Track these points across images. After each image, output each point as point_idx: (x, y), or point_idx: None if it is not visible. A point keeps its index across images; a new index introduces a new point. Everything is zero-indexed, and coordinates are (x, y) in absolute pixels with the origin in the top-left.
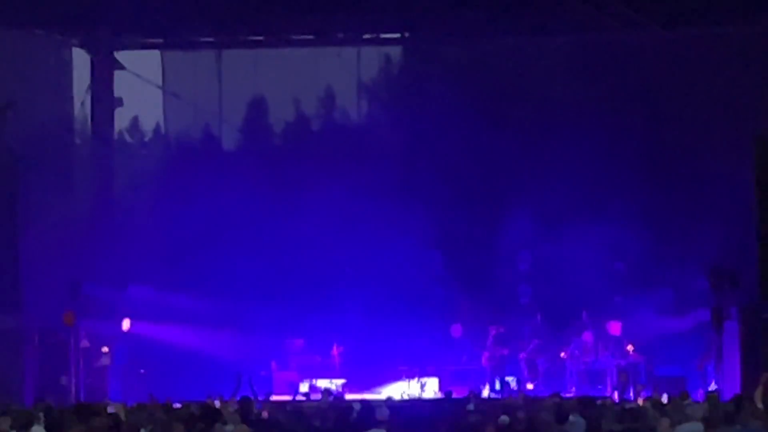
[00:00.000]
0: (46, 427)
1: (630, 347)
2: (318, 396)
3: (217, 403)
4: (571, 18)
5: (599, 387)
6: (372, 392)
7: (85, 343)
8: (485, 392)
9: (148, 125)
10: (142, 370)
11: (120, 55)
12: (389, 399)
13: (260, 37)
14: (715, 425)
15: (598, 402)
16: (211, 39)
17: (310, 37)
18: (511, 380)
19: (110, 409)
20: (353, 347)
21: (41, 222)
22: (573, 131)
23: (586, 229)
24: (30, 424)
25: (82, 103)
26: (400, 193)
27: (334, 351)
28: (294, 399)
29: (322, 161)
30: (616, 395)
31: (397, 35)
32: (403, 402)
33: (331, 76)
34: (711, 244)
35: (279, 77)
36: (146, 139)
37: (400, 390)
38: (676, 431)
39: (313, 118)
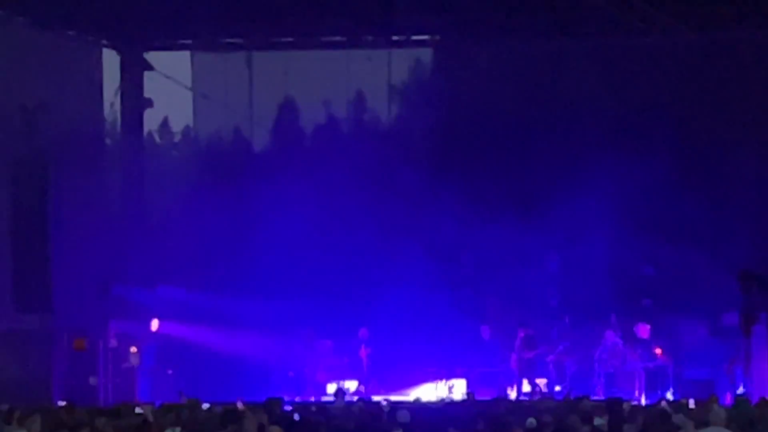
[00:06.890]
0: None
1: (658, 350)
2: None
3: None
4: (601, 21)
5: (627, 390)
6: (400, 394)
7: (113, 344)
8: (513, 394)
9: (177, 126)
10: (169, 371)
11: (150, 56)
12: (417, 400)
13: (290, 39)
14: (743, 430)
15: (625, 405)
16: (241, 41)
17: (341, 39)
18: (539, 383)
19: (138, 410)
20: (381, 349)
21: (71, 223)
22: (602, 134)
23: (615, 232)
24: (59, 426)
25: (112, 104)
26: (430, 195)
27: (362, 352)
28: (320, 400)
29: (352, 164)
30: (643, 398)
31: (428, 38)
32: (430, 404)
33: (361, 79)
34: (741, 247)
35: (309, 79)
36: (176, 140)
37: (427, 392)
38: None
39: (344, 120)
